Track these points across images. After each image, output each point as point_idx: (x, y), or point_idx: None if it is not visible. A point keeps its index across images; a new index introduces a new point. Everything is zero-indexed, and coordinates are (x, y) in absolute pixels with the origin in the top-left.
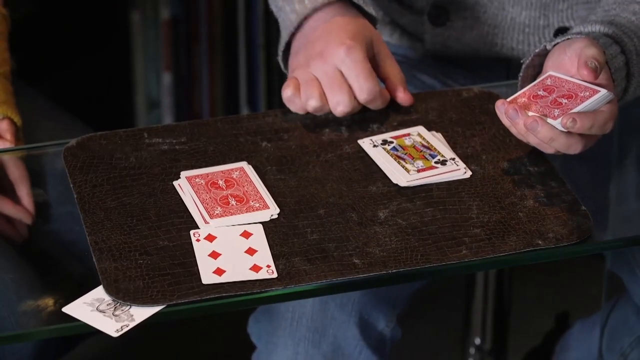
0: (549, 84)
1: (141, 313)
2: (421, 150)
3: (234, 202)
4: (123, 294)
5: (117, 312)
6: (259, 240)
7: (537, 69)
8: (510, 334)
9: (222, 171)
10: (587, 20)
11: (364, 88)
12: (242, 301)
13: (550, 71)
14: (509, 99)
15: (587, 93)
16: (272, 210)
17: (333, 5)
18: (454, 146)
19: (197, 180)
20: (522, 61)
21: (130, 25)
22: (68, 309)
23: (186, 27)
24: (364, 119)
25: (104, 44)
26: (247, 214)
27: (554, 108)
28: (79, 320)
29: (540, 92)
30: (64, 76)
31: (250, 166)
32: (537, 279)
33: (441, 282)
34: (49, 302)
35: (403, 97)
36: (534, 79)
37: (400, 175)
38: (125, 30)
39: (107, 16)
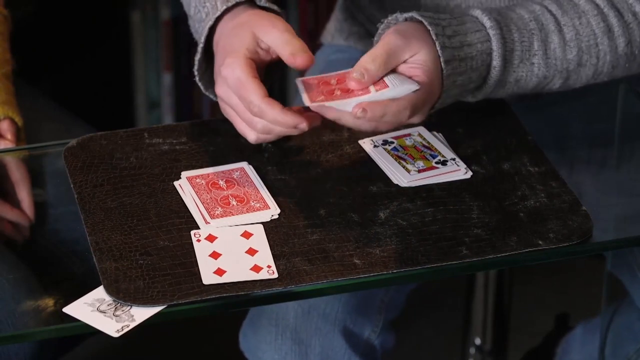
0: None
1: (142, 313)
2: (422, 151)
3: (234, 203)
4: (123, 294)
5: (117, 313)
6: (260, 240)
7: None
8: (511, 334)
9: (222, 171)
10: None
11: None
12: (242, 301)
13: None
14: (303, 78)
15: (377, 86)
16: (273, 211)
17: (234, 10)
18: (454, 146)
19: (197, 180)
20: (377, 25)
21: (131, 26)
22: (68, 309)
23: (186, 27)
24: None
25: (104, 44)
26: (247, 214)
27: (322, 95)
28: (80, 321)
29: (332, 81)
30: (65, 76)
31: (250, 166)
32: (537, 279)
33: (441, 282)
34: (49, 302)
35: (295, 63)
36: None
37: (401, 176)
38: (126, 31)
39: (107, 16)
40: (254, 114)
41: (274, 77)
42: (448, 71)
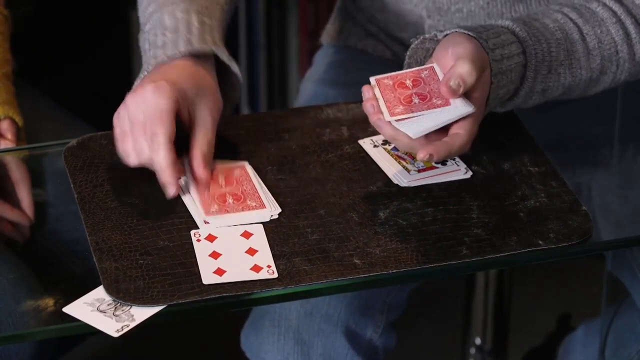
0: (423, 76)
1: (141, 313)
2: None
3: (231, 200)
4: (123, 294)
5: (117, 312)
6: (260, 240)
7: (431, 53)
8: (511, 334)
9: (224, 168)
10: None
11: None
12: (242, 301)
13: (435, 63)
14: (377, 77)
15: (440, 102)
16: (269, 210)
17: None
18: None
19: None
20: (411, 40)
21: (131, 26)
22: (68, 309)
23: None
24: (365, 119)
25: (104, 44)
26: (243, 213)
27: (400, 104)
28: (80, 320)
29: (407, 82)
30: (65, 76)
31: (250, 166)
32: (537, 279)
33: (441, 282)
34: (49, 302)
35: (198, 171)
36: (422, 63)
37: (401, 176)
38: (126, 31)
39: (107, 16)
40: (147, 145)
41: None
42: (494, 85)
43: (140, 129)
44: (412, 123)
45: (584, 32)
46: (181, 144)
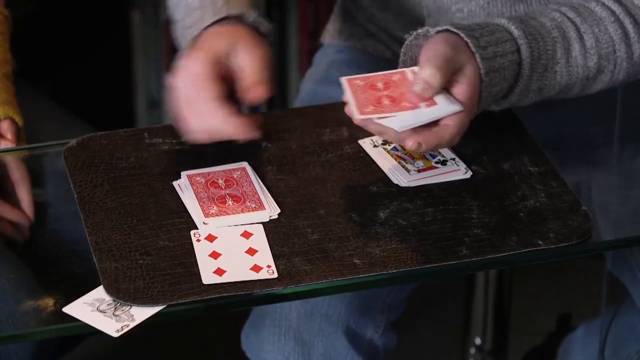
0: (394, 79)
1: (141, 313)
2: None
3: (230, 202)
4: (123, 294)
5: (117, 312)
6: (260, 240)
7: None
8: (511, 334)
9: (223, 171)
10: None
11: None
12: (242, 301)
13: (407, 68)
14: (348, 77)
15: (409, 105)
16: (269, 212)
17: (222, 22)
18: (454, 146)
19: (197, 178)
20: (405, 37)
21: (131, 26)
22: (68, 309)
23: None
24: None
25: (104, 44)
26: (242, 214)
27: (370, 105)
28: (79, 320)
29: (379, 84)
30: (65, 76)
31: (250, 167)
32: (537, 279)
33: (441, 282)
34: (49, 302)
35: (251, 93)
36: (416, 59)
37: (401, 176)
38: (126, 31)
39: (107, 16)
40: (200, 112)
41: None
42: (486, 83)
43: (192, 102)
44: (397, 119)
45: (582, 31)
46: (182, 156)
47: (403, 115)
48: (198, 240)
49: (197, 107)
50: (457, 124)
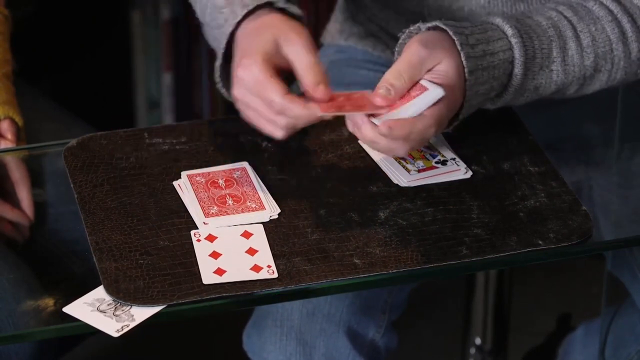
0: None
1: (142, 313)
2: (422, 150)
3: (230, 202)
4: (123, 294)
5: (117, 312)
6: (260, 240)
7: None
8: (511, 334)
9: (223, 170)
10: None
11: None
12: (242, 301)
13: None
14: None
15: (416, 92)
16: (269, 212)
17: (255, 13)
18: (454, 146)
19: (197, 178)
20: (398, 35)
21: (131, 26)
22: (68, 309)
23: (186, 27)
24: None
25: (104, 44)
26: (242, 214)
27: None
28: (80, 320)
29: (340, 99)
30: (65, 76)
31: (251, 167)
32: (537, 279)
33: (441, 282)
34: (49, 302)
35: (316, 94)
36: None
37: (401, 176)
38: (126, 31)
39: (107, 16)
40: (276, 112)
41: (291, 82)
42: (471, 81)
43: (261, 108)
44: (386, 116)
45: (578, 30)
46: (182, 153)
47: (391, 114)
48: (198, 240)
49: (273, 108)
50: (433, 114)
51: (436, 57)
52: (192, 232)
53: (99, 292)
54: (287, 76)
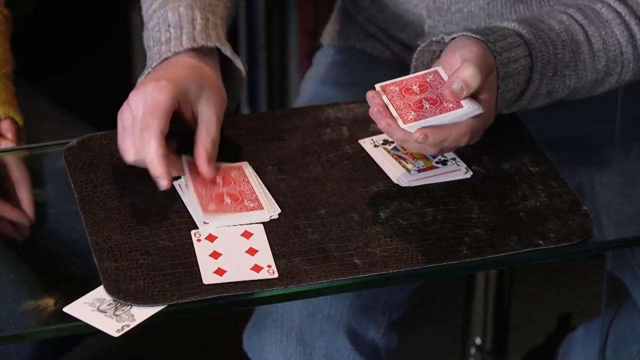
0: (429, 80)
1: (142, 313)
2: None
3: (228, 200)
4: (124, 294)
5: (117, 312)
6: (260, 240)
7: (438, 55)
8: (511, 334)
9: (221, 169)
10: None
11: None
12: (242, 301)
13: (439, 67)
14: (382, 84)
15: (451, 105)
16: (267, 212)
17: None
18: None
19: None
20: (417, 43)
21: (131, 26)
22: (69, 309)
23: None
24: (365, 119)
25: (104, 44)
26: (242, 214)
27: (412, 110)
28: (80, 320)
29: (414, 87)
30: (65, 76)
31: (249, 166)
32: (537, 279)
33: (441, 282)
34: (49, 302)
35: (201, 167)
36: (428, 66)
37: (401, 175)
38: (126, 31)
39: (107, 16)
40: (141, 139)
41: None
42: (501, 89)
43: (132, 127)
44: (420, 125)
45: (589, 34)
46: (186, 143)
47: (451, 116)
48: (198, 240)
49: (142, 133)
50: (469, 125)
51: (491, 63)
52: (193, 232)
53: (99, 292)
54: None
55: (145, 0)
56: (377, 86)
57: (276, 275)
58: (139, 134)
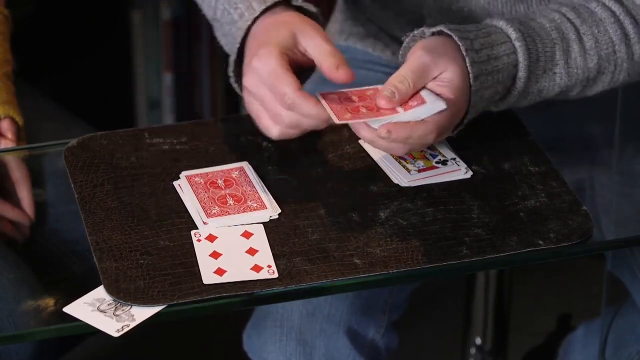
0: (369, 94)
1: (142, 313)
2: (422, 150)
3: (231, 202)
4: (124, 294)
5: (117, 312)
6: (260, 240)
7: None
8: (511, 334)
9: (221, 171)
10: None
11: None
12: (242, 301)
13: (379, 85)
14: (322, 92)
15: (414, 102)
16: (270, 211)
17: (271, 10)
18: (454, 146)
19: (196, 179)
20: (402, 39)
21: (131, 26)
22: (69, 309)
23: (187, 28)
24: None
25: (104, 44)
26: (244, 214)
27: (348, 112)
28: (80, 320)
29: (353, 97)
30: (65, 76)
31: (250, 166)
32: (537, 279)
33: (441, 282)
34: (49, 302)
35: (337, 76)
36: None
37: (401, 175)
38: (126, 31)
39: (107, 16)
40: (286, 107)
41: (302, 82)
42: (476, 86)
43: (269, 100)
44: (376, 120)
45: (581, 32)
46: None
47: (386, 120)
48: (198, 240)
49: (282, 102)
50: (434, 121)
51: (441, 65)
52: (193, 232)
53: (99, 292)
54: (300, 77)
55: (215, 3)
56: (318, 94)
57: (276, 275)
58: (286, 107)
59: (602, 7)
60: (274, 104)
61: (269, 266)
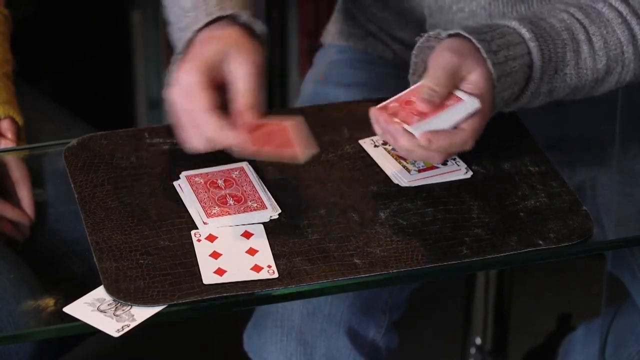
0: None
1: (142, 313)
2: None
3: (231, 202)
4: (124, 294)
5: (118, 312)
6: (260, 240)
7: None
8: (511, 334)
9: (222, 171)
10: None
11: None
12: (242, 301)
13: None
14: (380, 105)
15: (451, 102)
16: (270, 211)
17: (217, 22)
18: None
19: (196, 179)
20: (416, 39)
21: (131, 26)
22: (69, 309)
23: None
24: (365, 119)
25: (105, 44)
26: (244, 214)
27: (415, 115)
28: (80, 320)
29: (412, 98)
30: (65, 76)
31: (250, 166)
32: (537, 279)
33: (441, 282)
34: (49, 302)
35: (244, 117)
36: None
37: (401, 175)
38: (126, 31)
39: (107, 16)
40: (193, 124)
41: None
42: (498, 88)
43: (183, 116)
44: (424, 125)
45: (591, 33)
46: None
47: (430, 123)
48: (199, 240)
49: (193, 118)
50: (471, 128)
51: (468, 66)
52: (193, 232)
53: (99, 292)
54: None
55: (167, 3)
56: (376, 110)
57: (276, 275)
58: (192, 124)
59: (609, 7)
60: (187, 119)
61: (269, 266)
